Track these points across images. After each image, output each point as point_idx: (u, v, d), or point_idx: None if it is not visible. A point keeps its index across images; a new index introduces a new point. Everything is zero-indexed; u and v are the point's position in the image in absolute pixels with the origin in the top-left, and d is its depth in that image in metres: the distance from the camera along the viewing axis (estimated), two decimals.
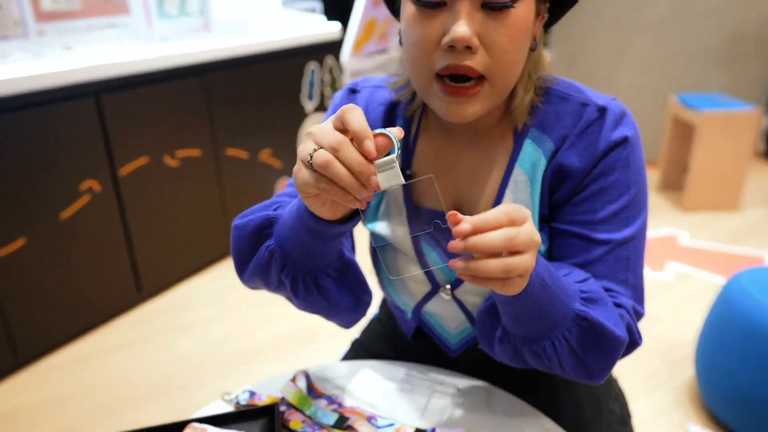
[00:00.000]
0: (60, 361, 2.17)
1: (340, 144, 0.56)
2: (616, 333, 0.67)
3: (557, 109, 0.76)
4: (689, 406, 1.83)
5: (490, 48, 0.65)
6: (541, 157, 0.76)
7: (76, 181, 2.14)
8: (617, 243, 0.73)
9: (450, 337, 0.92)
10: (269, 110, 2.86)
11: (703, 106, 3.02)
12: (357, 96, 0.87)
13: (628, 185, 0.74)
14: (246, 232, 0.77)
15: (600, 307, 0.68)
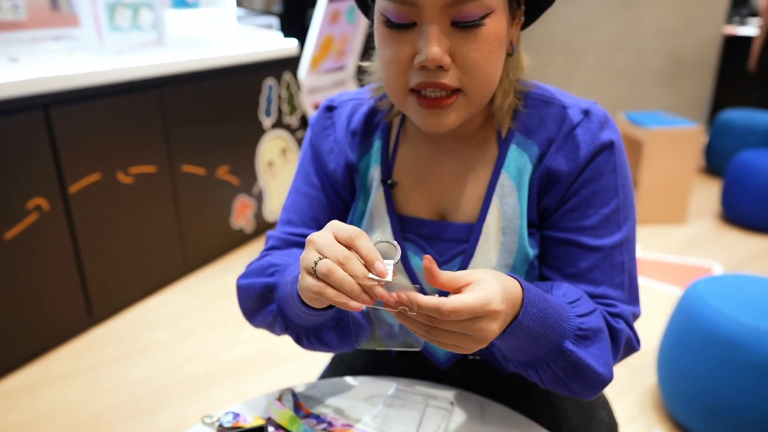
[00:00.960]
0: (5, 391, 2.02)
1: (347, 259, 0.59)
2: (602, 374, 0.69)
3: (540, 113, 0.76)
4: (653, 413, 1.87)
5: (463, 64, 0.66)
6: (527, 162, 0.76)
7: (22, 198, 2.03)
8: (611, 248, 0.74)
9: (438, 349, 0.90)
10: (226, 126, 2.81)
11: (649, 123, 3.14)
12: (335, 112, 0.87)
13: (616, 189, 0.75)
14: (250, 295, 0.81)
15: (594, 344, 0.69)
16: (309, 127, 0.89)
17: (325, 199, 0.87)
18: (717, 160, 3.94)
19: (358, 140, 0.84)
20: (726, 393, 1.59)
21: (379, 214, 0.83)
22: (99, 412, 1.92)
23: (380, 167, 0.82)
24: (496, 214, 0.77)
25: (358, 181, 0.85)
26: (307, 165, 0.88)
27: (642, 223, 3.28)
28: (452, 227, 0.80)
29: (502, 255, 0.77)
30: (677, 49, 3.70)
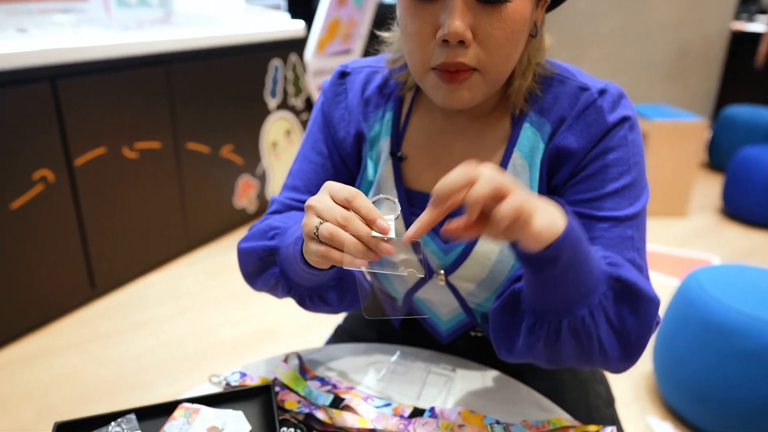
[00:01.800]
0: (5, 360, 2.04)
1: (348, 219, 0.59)
2: (650, 292, 0.66)
3: (556, 92, 0.75)
4: (647, 400, 1.89)
5: (484, 42, 0.65)
6: (539, 142, 0.76)
7: (28, 169, 2.04)
8: (620, 219, 0.72)
9: (441, 324, 0.91)
10: (232, 105, 2.81)
11: (653, 116, 3.15)
12: (348, 79, 0.85)
13: (629, 164, 0.73)
14: (252, 259, 0.80)
15: (626, 269, 0.67)
16: (321, 92, 0.87)
17: (331, 168, 0.86)
18: (720, 156, 3.94)
19: (370, 109, 0.83)
20: (721, 381, 1.61)
21: (386, 187, 0.82)
22: (99, 383, 1.94)
23: (390, 139, 0.82)
24: None
25: (366, 151, 0.84)
26: (316, 131, 0.87)
27: None
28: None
29: None
30: (684, 44, 3.70)
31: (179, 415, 0.72)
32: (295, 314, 2.32)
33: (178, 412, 0.72)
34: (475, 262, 0.78)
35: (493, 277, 0.79)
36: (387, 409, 0.79)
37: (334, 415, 0.75)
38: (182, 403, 0.73)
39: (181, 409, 0.72)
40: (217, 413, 0.72)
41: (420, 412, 0.78)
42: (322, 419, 0.75)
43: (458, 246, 0.79)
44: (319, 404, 0.78)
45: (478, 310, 0.86)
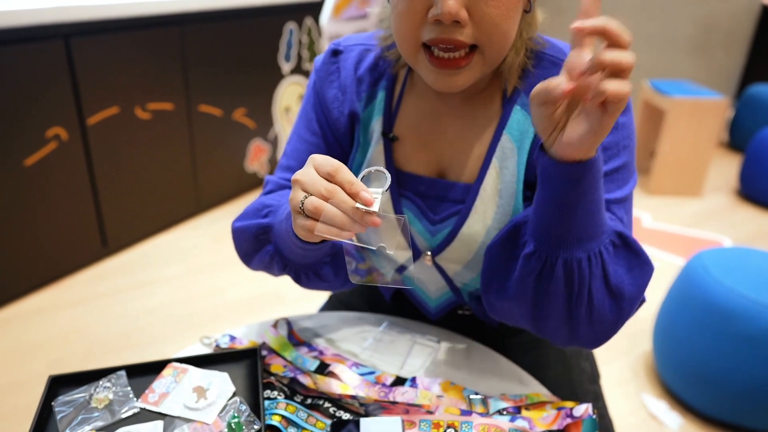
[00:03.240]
0: (18, 313, 2.11)
1: (332, 192, 0.59)
2: (647, 257, 0.67)
3: (548, 73, 0.72)
4: (645, 379, 1.91)
5: (480, 21, 0.63)
6: (529, 126, 0.74)
7: (42, 126, 2.07)
8: (609, 201, 0.72)
9: (429, 301, 0.93)
10: (245, 69, 2.80)
11: (673, 92, 3.08)
12: (340, 57, 0.83)
13: (618, 148, 0.72)
14: (246, 237, 0.81)
15: (628, 230, 0.67)
16: (314, 71, 0.85)
17: (325, 147, 0.85)
18: (741, 136, 3.86)
19: (363, 89, 0.82)
20: (718, 362, 1.62)
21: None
22: (108, 338, 2.00)
23: (382, 120, 0.81)
24: (494, 176, 0.76)
25: (359, 132, 0.83)
26: (310, 111, 0.86)
27: (656, 193, 3.25)
28: (450, 186, 0.79)
29: (497, 217, 0.76)
30: (709, 17, 3.59)
31: (167, 374, 0.74)
32: None
33: (166, 371, 0.75)
34: (461, 244, 0.79)
35: (478, 259, 0.79)
36: (370, 377, 0.81)
37: (318, 380, 0.77)
38: (171, 363, 0.76)
39: (169, 368, 0.75)
40: (203, 374, 0.75)
41: (402, 381, 0.80)
42: (306, 384, 0.77)
43: (445, 228, 0.80)
44: (305, 369, 0.80)
45: (466, 290, 0.87)
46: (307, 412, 0.73)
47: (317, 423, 0.72)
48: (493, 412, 0.75)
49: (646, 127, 3.41)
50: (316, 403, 0.75)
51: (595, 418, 0.73)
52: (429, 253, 0.82)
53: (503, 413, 0.75)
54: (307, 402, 0.75)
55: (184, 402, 0.70)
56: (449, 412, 0.74)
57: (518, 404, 0.77)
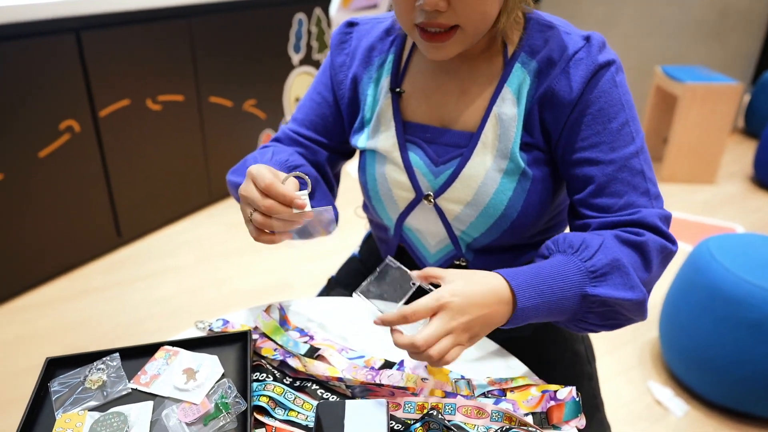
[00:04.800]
0: (35, 301, 2.17)
1: (270, 209, 0.71)
2: (633, 298, 0.72)
3: (544, 36, 0.81)
4: (650, 365, 1.91)
5: (458, 6, 0.71)
6: (526, 76, 0.81)
7: (55, 119, 2.11)
8: (627, 157, 0.77)
9: (429, 256, 0.96)
10: (255, 59, 2.83)
11: (686, 78, 3.04)
12: (354, 29, 0.95)
13: (621, 103, 0.78)
14: (232, 191, 0.90)
15: (614, 275, 0.72)
16: (331, 39, 0.97)
17: (326, 108, 0.96)
18: (757, 121, 3.79)
19: (374, 54, 0.91)
20: (724, 349, 1.61)
21: (385, 119, 0.90)
22: (121, 326, 2.05)
23: (390, 77, 0.89)
24: (494, 122, 0.82)
25: (367, 91, 0.92)
26: (321, 74, 0.98)
27: (669, 180, 3.22)
28: (453, 133, 0.86)
29: (496, 160, 0.83)
30: (724, 1, 3.52)
31: (159, 356, 0.77)
32: (310, 267, 2.38)
33: (159, 353, 0.77)
34: (462, 184, 0.85)
35: (477, 198, 0.85)
36: (359, 361, 0.82)
37: (306, 363, 0.79)
38: (164, 346, 0.78)
39: (162, 351, 0.78)
40: (194, 356, 0.77)
41: (390, 365, 0.82)
42: (295, 367, 0.79)
43: (447, 169, 0.86)
44: (295, 352, 0.82)
45: (464, 239, 0.91)
46: (295, 394, 0.75)
47: (304, 404, 0.75)
48: (478, 394, 0.77)
49: (658, 113, 3.37)
50: (303, 385, 0.77)
51: (578, 400, 0.75)
52: (431, 195, 0.88)
53: (488, 395, 0.77)
54: (296, 384, 0.77)
55: (174, 383, 0.72)
56: (434, 395, 0.76)
57: (503, 387, 0.78)
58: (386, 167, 0.90)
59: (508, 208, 0.84)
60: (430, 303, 0.66)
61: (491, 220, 0.85)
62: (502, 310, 0.70)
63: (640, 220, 0.76)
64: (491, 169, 0.83)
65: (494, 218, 0.85)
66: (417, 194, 0.89)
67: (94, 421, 0.67)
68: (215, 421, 0.68)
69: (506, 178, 0.83)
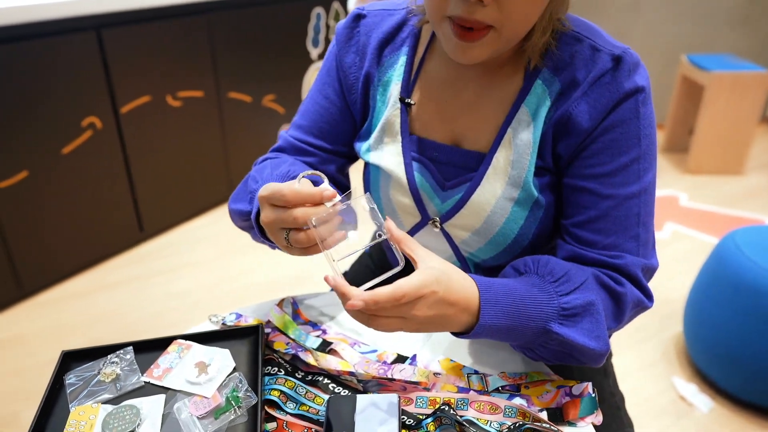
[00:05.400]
0: (61, 294, 2.21)
1: (305, 216, 0.64)
2: (594, 348, 0.68)
3: (572, 50, 0.73)
4: (675, 360, 1.87)
5: (504, 3, 0.63)
6: (546, 98, 0.74)
7: (77, 116, 2.14)
8: (626, 197, 0.72)
9: None
10: (273, 54, 2.83)
11: (712, 67, 2.97)
12: (362, 22, 0.85)
13: (638, 137, 0.72)
14: (236, 220, 0.85)
15: (583, 320, 0.68)
16: (335, 34, 0.87)
17: (335, 112, 0.88)
18: None
19: (385, 53, 0.83)
20: (750, 343, 1.57)
21: (391, 132, 0.83)
22: (142, 319, 2.08)
23: (401, 84, 0.82)
24: (507, 146, 0.76)
25: (376, 95, 0.84)
26: (326, 74, 0.88)
27: (694, 172, 3.15)
28: (463, 154, 0.80)
29: (507, 188, 0.77)
30: None
31: (172, 350, 0.77)
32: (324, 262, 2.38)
33: (171, 347, 0.78)
34: (470, 211, 0.80)
35: (486, 227, 0.80)
36: (372, 355, 0.82)
37: (319, 358, 0.79)
38: (176, 339, 0.79)
39: (174, 345, 0.78)
40: (206, 350, 0.77)
41: (403, 359, 0.81)
42: (307, 361, 0.79)
43: (456, 194, 0.81)
44: (307, 346, 0.82)
45: (471, 260, 0.88)
46: (306, 388, 0.75)
47: (315, 398, 0.74)
48: (491, 389, 0.75)
49: (683, 103, 3.30)
50: (315, 380, 0.77)
51: (594, 396, 0.73)
52: (438, 219, 0.84)
53: (501, 391, 0.76)
54: (308, 378, 0.77)
55: (186, 377, 0.73)
56: (446, 390, 0.75)
57: (518, 382, 0.77)
58: (391, 188, 0.85)
59: (519, 236, 0.80)
60: (421, 289, 0.59)
61: (501, 247, 0.82)
62: (463, 319, 0.65)
63: (622, 267, 0.72)
64: (501, 198, 0.78)
65: (504, 245, 0.81)
66: (423, 218, 0.85)
67: (107, 414, 0.68)
68: (226, 414, 0.68)
69: (517, 207, 0.78)
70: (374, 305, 0.58)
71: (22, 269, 2.11)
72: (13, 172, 2.01)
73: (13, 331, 2.02)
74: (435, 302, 0.61)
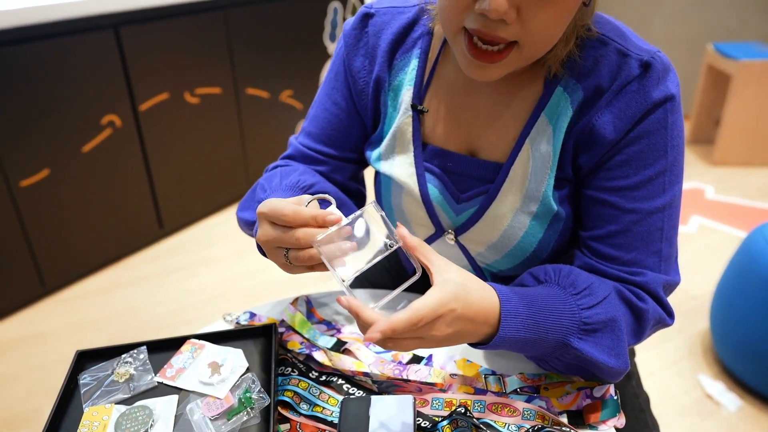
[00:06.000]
0: (84, 291, 2.24)
1: (306, 238, 0.62)
2: (613, 366, 0.65)
3: (596, 55, 0.68)
4: (701, 357, 1.82)
5: (528, 22, 0.59)
6: (567, 107, 0.70)
7: (97, 114, 2.16)
8: (650, 212, 0.68)
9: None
10: (290, 50, 2.82)
11: (740, 55, 2.88)
12: (371, 22, 0.80)
13: (665, 149, 0.67)
14: (244, 228, 0.83)
15: (604, 336, 0.65)
16: (342, 35, 0.82)
17: (345, 119, 0.85)
18: None
19: (395, 56, 0.79)
20: None
21: (403, 141, 0.79)
22: (162, 315, 2.10)
23: (413, 90, 0.77)
24: (525, 158, 0.72)
25: (387, 100, 0.80)
26: (333, 79, 0.84)
27: (720, 164, 3.07)
28: (479, 164, 0.76)
29: (525, 201, 0.74)
30: None
31: (186, 350, 0.77)
32: None
33: (185, 346, 0.77)
34: (486, 225, 0.77)
35: (503, 241, 0.77)
36: (386, 355, 0.80)
37: (333, 357, 0.78)
38: (190, 339, 0.78)
39: (188, 344, 0.77)
40: (219, 350, 0.76)
41: (418, 359, 0.79)
42: (321, 361, 0.78)
43: (471, 207, 0.78)
44: (321, 346, 0.80)
45: (488, 270, 0.85)
46: (320, 389, 0.74)
47: (329, 399, 0.73)
48: (509, 391, 0.73)
49: (709, 94, 3.21)
50: (329, 380, 0.76)
51: (616, 398, 0.71)
52: (452, 232, 0.81)
53: (520, 393, 0.74)
54: (321, 379, 0.76)
55: (198, 377, 0.72)
56: (462, 391, 0.73)
57: (537, 384, 0.75)
58: (403, 198, 0.82)
59: (538, 249, 0.76)
60: (438, 310, 0.56)
61: (518, 260, 0.79)
62: (482, 331, 0.61)
63: (643, 284, 0.69)
64: (519, 211, 0.74)
65: (521, 258, 0.78)
66: (437, 230, 0.82)
67: (120, 414, 0.68)
68: (239, 416, 0.67)
69: (536, 221, 0.74)
70: (392, 333, 0.55)
71: (44, 266, 2.14)
72: (35, 170, 2.03)
73: (37, 328, 2.05)
74: (454, 319, 0.58)
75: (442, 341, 0.59)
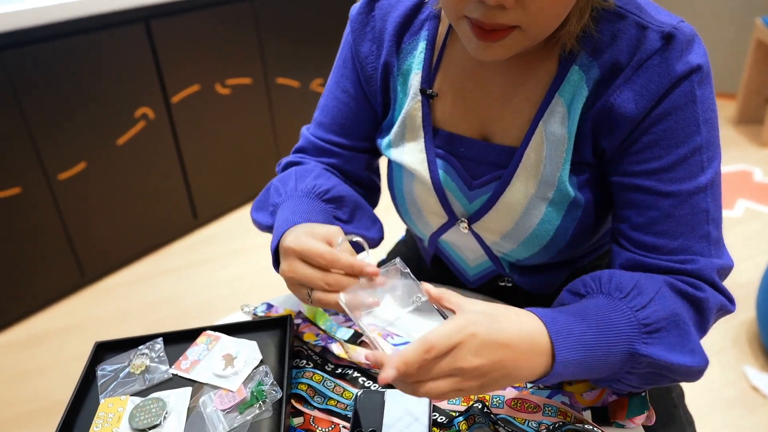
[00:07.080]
0: (122, 280, 2.29)
1: (332, 285, 0.61)
2: (691, 365, 0.59)
3: (612, 28, 0.64)
4: (746, 347, 1.75)
5: (528, 5, 0.56)
6: (583, 87, 0.65)
7: (131, 107, 2.19)
8: (691, 192, 0.63)
9: (468, 269, 0.89)
10: (319, 38, 2.80)
11: None
12: (378, 5, 0.77)
13: (697, 124, 0.62)
14: (260, 228, 0.82)
15: (670, 333, 0.59)
16: (349, 21, 0.80)
17: (355, 106, 0.83)
18: None
19: (403, 39, 0.76)
20: None
21: (413, 127, 0.77)
22: (197, 305, 2.13)
23: (421, 73, 0.75)
24: (539, 142, 0.69)
25: (397, 85, 0.78)
26: (342, 66, 0.83)
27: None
28: (492, 149, 0.73)
29: (540, 187, 0.70)
30: None
31: (201, 342, 0.76)
32: None
33: (200, 338, 0.77)
34: (500, 212, 0.74)
35: (518, 228, 0.74)
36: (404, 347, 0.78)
37: (349, 350, 0.76)
38: (205, 331, 0.78)
39: (203, 336, 0.77)
40: (234, 342, 0.76)
41: None
42: (337, 353, 0.76)
43: (484, 193, 0.75)
44: (338, 338, 0.79)
45: (506, 259, 0.82)
46: (335, 382, 0.73)
47: (344, 393, 0.72)
48: (529, 386, 0.71)
49: (759, 70, 3.05)
50: (345, 373, 0.74)
51: (644, 395, 0.67)
52: (465, 221, 0.78)
53: (541, 387, 0.71)
54: (337, 371, 0.74)
55: (212, 369, 0.72)
56: None
57: None
58: (414, 186, 0.79)
59: (556, 237, 0.72)
60: (452, 336, 0.51)
61: (535, 248, 0.75)
62: (534, 360, 0.54)
63: (697, 273, 0.63)
64: (534, 197, 0.71)
65: (539, 247, 0.74)
66: (450, 218, 0.79)
67: (134, 406, 0.68)
68: (251, 409, 0.66)
69: (552, 208, 0.71)
70: (404, 366, 0.50)
71: (83, 257, 2.19)
72: (73, 163, 2.08)
73: (80, 316, 2.10)
74: (480, 347, 0.52)
75: (480, 377, 0.53)
